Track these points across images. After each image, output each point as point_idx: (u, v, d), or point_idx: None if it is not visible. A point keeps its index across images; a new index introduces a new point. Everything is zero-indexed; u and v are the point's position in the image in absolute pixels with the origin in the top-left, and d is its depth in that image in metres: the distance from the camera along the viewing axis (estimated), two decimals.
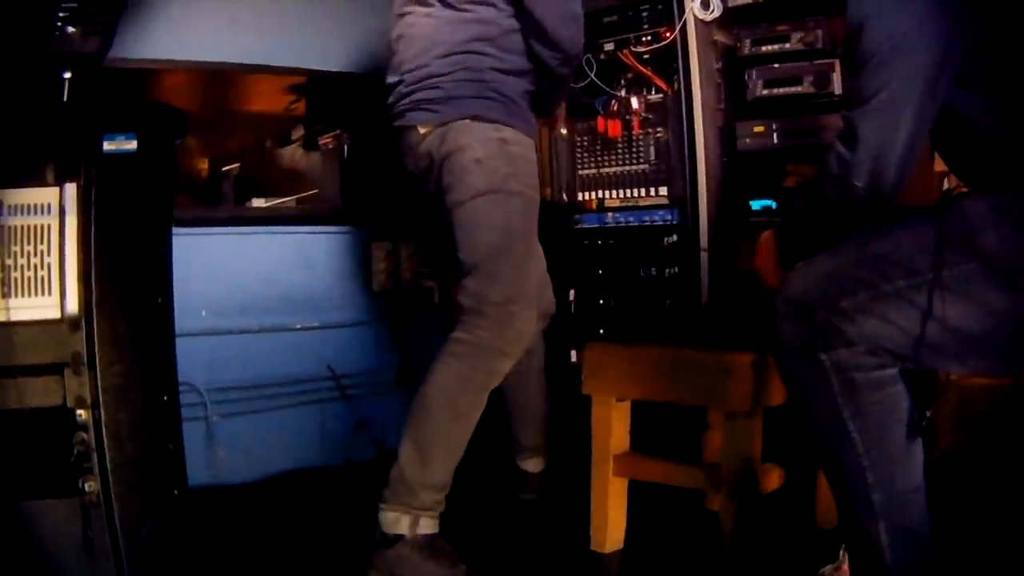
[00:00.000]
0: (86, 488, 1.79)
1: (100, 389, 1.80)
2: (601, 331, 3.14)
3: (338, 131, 3.40)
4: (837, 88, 2.68)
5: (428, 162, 2.35)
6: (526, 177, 2.32)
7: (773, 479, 2.28)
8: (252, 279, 3.10)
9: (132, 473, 1.82)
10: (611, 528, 2.40)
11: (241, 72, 3.28)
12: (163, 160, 1.98)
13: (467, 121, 2.29)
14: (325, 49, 3.31)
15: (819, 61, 2.70)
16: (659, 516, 2.53)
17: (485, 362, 2.24)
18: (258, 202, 3.29)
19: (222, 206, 3.44)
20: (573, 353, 3.19)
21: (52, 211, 1.83)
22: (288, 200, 3.37)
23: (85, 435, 1.79)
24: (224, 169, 3.65)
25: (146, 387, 1.86)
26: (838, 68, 2.67)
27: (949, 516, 1.74)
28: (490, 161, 2.27)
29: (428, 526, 2.23)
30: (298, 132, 3.59)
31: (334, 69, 3.33)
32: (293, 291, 3.20)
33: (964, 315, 1.54)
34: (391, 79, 2.44)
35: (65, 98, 1.98)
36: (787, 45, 2.76)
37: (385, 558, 2.22)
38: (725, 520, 2.19)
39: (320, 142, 3.46)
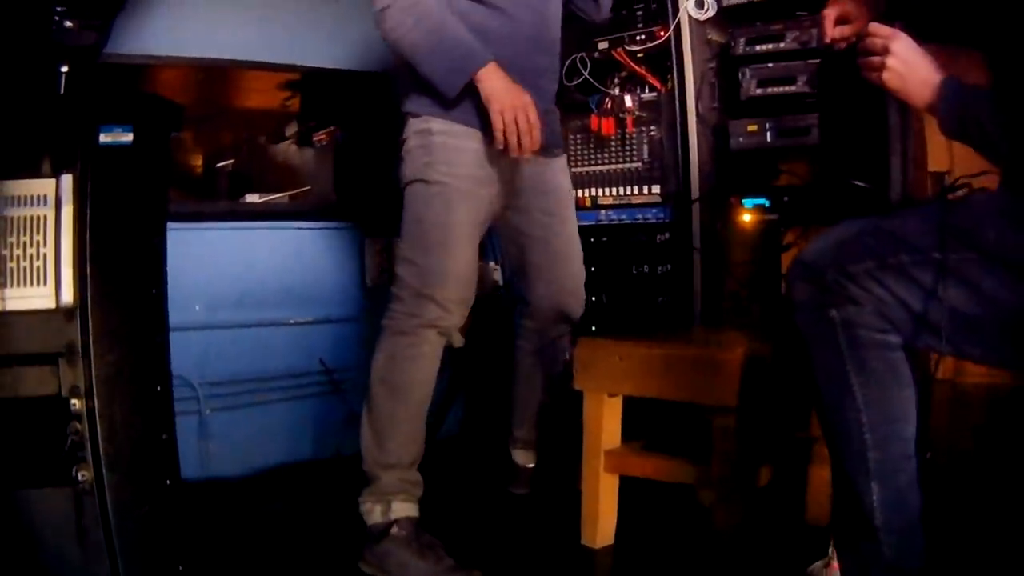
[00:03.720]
0: (80, 477, 1.79)
1: (94, 379, 1.79)
2: (593, 327, 3.14)
3: (332, 127, 3.41)
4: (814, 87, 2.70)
5: None
6: (450, 166, 2.34)
7: (762, 475, 2.29)
8: (246, 274, 3.11)
9: (125, 463, 1.82)
10: (602, 523, 2.42)
11: (236, 68, 3.29)
12: (159, 153, 1.98)
13: (407, 116, 2.41)
14: (319, 46, 3.32)
15: (813, 60, 2.71)
16: (649, 511, 2.54)
17: (405, 341, 2.33)
18: (252, 198, 3.29)
19: (216, 201, 3.44)
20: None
21: (48, 202, 1.83)
22: (282, 196, 3.36)
23: (79, 424, 1.79)
24: (218, 165, 3.65)
25: (140, 377, 1.87)
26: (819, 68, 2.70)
27: (949, 516, 1.76)
28: (413, 152, 2.37)
29: (402, 510, 2.29)
30: (292, 128, 3.59)
31: (328, 66, 3.34)
32: (286, 286, 3.20)
33: (961, 299, 1.60)
34: None
35: (61, 91, 1.98)
36: (781, 44, 2.77)
37: (374, 552, 2.27)
38: (718, 516, 2.19)
39: (314, 138, 3.47)
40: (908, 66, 1.70)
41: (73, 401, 1.80)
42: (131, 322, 1.87)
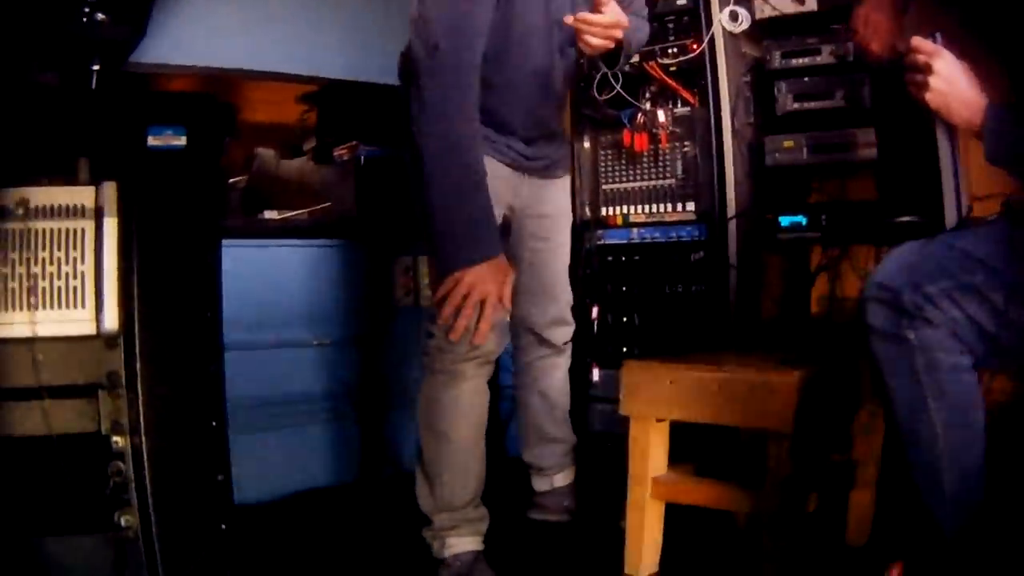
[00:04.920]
0: (122, 523, 1.67)
1: (140, 414, 1.67)
2: (624, 349, 3.09)
3: (353, 142, 3.31)
4: (868, 102, 2.64)
5: None
6: None
7: (810, 501, 2.23)
8: (266, 293, 3.02)
9: (175, 507, 1.69)
10: (646, 552, 2.33)
11: (252, 80, 3.19)
12: (212, 159, 1.85)
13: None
14: (338, 56, 3.25)
15: (850, 75, 2.66)
16: (688, 537, 2.46)
17: (442, 381, 2.27)
18: (270, 214, 3.21)
19: (231, 218, 3.34)
20: (596, 371, 3.15)
21: (87, 213, 1.69)
22: (301, 213, 3.28)
23: (122, 464, 1.67)
24: (231, 180, 3.55)
25: (192, 411, 1.74)
26: (869, 82, 2.64)
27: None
28: None
29: (459, 544, 2.26)
30: (310, 143, 3.51)
31: (348, 78, 3.27)
32: (308, 306, 3.13)
33: None
34: None
35: (92, 88, 1.85)
36: (818, 58, 2.73)
37: None
38: (768, 543, 2.11)
39: (334, 153, 3.38)
40: (951, 85, 1.71)
41: (115, 438, 1.68)
42: (182, 349, 1.74)
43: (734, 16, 2.84)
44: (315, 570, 2.46)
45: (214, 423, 1.80)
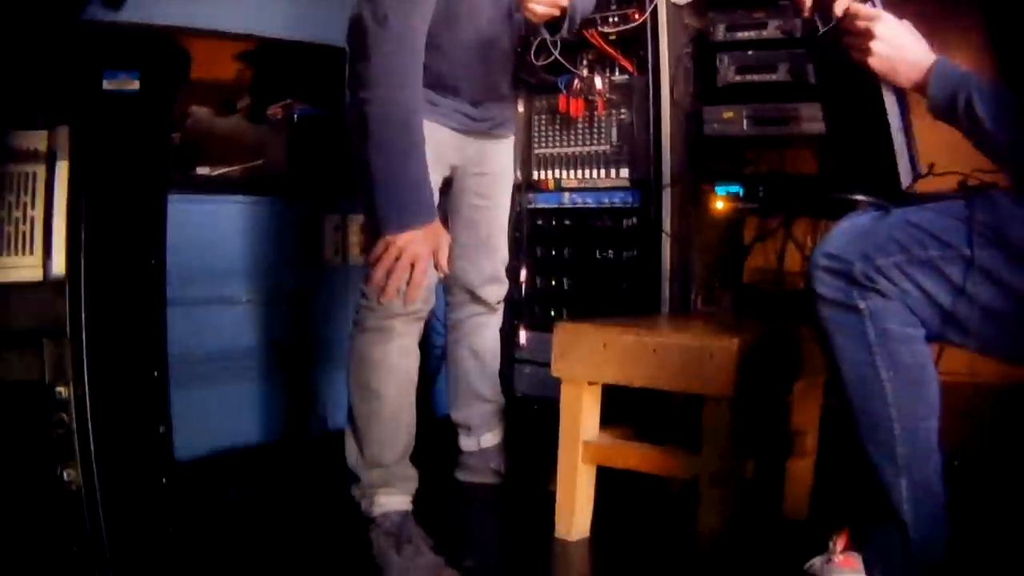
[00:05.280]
0: (65, 477, 1.62)
1: (84, 363, 1.63)
2: (552, 312, 3.12)
3: (287, 101, 3.29)
4: (813, 77, 2.65)
5: None
6: None
7: (747, 469, 2.26)
8: (196, 249, 2.94)
9: (118, 459, 1.64)
10: (578, 515, 2.35)
11: (191, 36, 3.08)
12: (165, 105, 1.79)
13: None
14: (276, 15, 3.18)
15: (796, 49, 2.69)
16: (620, 501, 2.48)
17: (371, 339, 2.29)
18: (202, 170, 3.16)
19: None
20: (523, 333, 3.18)
21: (39, 157, 1.62)
22: (234, 169, 3.24)
23: (65, 416, 1.62)
24: None
25: (134, 362, 1.69)
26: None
27: (957, 515, 1.77)
28: None
29: (388, 503, 2.26)
30: (244, 101, 3.46)
31: (285, 37, 3.20)
32: (238, 262, 3.09)
33: (989, 295, 1.60)
34: None
35: (51, 31, 1.76)
36: (763, 32, 2.76)
37: (369, 537, 2.24)
38: (706, 510, 2.15)
39: (268, 112, 3.35)
40: (895, 48, 1.70)
41: (59, 388, 1.63)
42: (128, 298, 1.69)
43: None
44: (248, 527, 2.44)
45: (156, 373, 1.75)
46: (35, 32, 1.69)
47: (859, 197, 1.80)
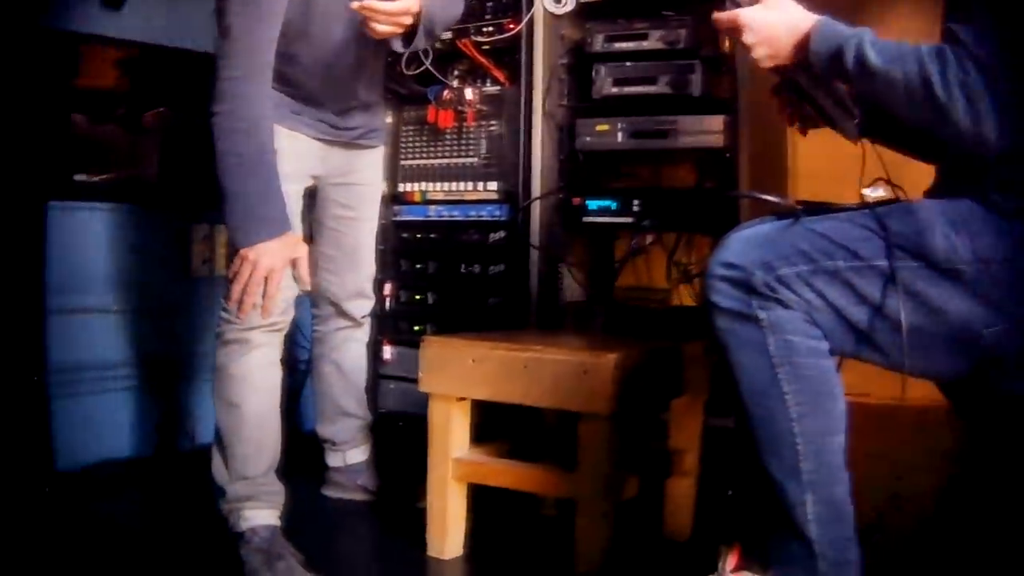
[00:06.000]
0: None
1: None
2: (417, 328, 3.05)
3: (161, 109, 3.18)
4: (696, 90, 2.65)
5: None
6: None
7: (630, 487, 2.20)
8: (66, 257, 2.78)
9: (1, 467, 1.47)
10: (450, 534, 2.26)
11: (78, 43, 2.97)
12: (50, 110, 1.63)
13: None
14: (156, 21, 3.07)
15: (678, 61, 2.67)
16: (495, 519, 2.42)
17: (232, 351, 2.23)
18: (79, 177, 2.99)
19: None
20: (388, 348, 3.10)
21: None
22: (108, 177, 3.09)
23: None
24: None
25: (13, 365, 1.52)
26: (699, 69, 2.65)
27: (951, 516, 1.74)
28: None
29: (255, 517, 2.18)
30: (120, 108, 3.29)
31: (164, 43, 3.09)
32: (111, 271, 2.93)
33: (907, 309, 1.54)
34: None
35: None
36: (644, 43, 2.72)
37: (240, 554, 2.15)
38: (583, 529, 2.07)
39: (143, 119, 3.23)
40: (770, 40, 1.66)
41: None
42: (7, 305, 1.51)
43: None
44: (120, 544, 2.29)
45: (35, 378, 1.58)
46: None
47: (768, 197, 1.74)
